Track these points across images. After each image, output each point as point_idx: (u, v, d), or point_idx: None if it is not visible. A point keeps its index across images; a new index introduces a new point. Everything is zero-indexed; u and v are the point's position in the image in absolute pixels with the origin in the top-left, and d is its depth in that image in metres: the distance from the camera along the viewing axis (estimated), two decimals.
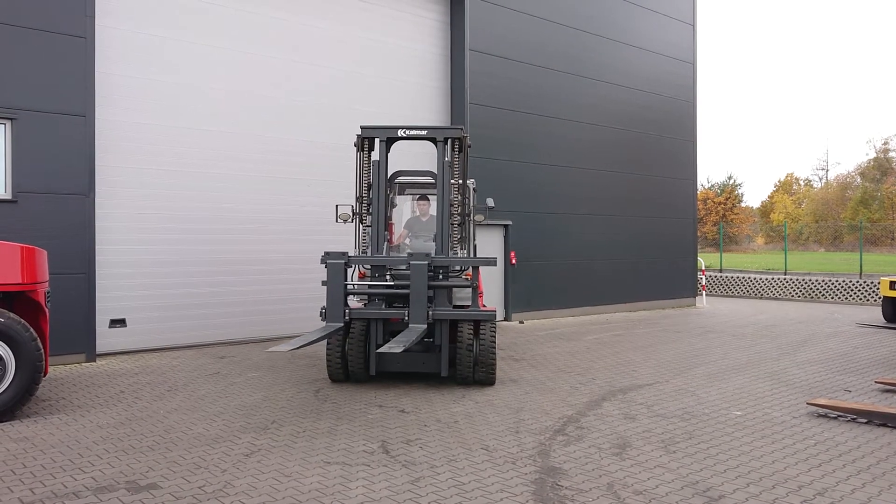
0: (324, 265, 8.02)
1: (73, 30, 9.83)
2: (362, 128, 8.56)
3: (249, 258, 12.06)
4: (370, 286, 8.32)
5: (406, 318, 7.91)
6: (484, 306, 8.67)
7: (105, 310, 10.42)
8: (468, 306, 8.53)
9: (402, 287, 8.14)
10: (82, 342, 9.88)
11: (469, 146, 8.87)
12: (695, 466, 5.46)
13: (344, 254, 8.00)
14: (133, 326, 10.78)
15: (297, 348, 7.04)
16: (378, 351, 7.19)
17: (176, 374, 9.10)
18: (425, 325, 7.81)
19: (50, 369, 8.87)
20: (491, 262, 8.34)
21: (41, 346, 6.78)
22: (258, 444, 5.97)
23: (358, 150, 8.57)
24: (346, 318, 7.94)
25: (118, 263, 10.64)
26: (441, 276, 8.24)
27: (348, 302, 8.22)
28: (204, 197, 11.58)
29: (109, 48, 10.55)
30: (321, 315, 8.10)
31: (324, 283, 8.03)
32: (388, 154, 8.60)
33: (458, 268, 8.69)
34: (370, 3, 13.61)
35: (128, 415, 6.97)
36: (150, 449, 5.84)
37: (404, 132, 8.42)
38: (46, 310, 7.20)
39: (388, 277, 8.44)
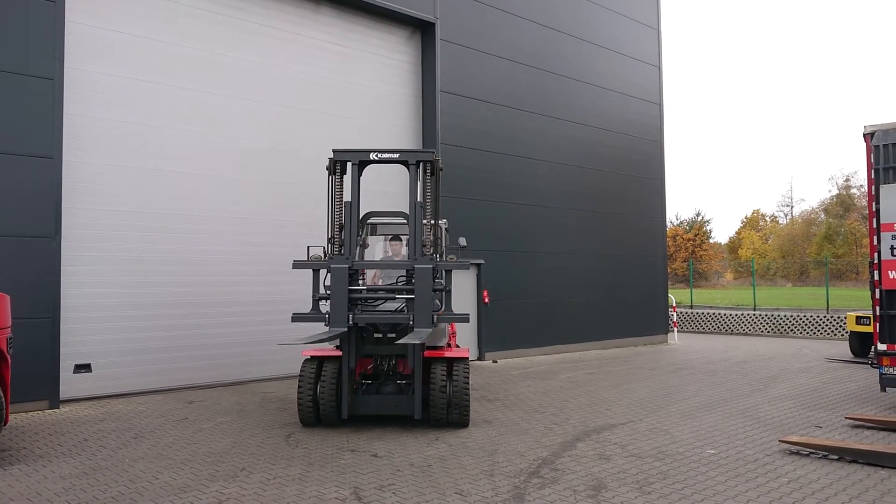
0: (306, 269, 8.34)
1: (41, 72, 9.78)
2: (335, 151, 8.52)
3: (218, 300, 11.90)
4: (368, 289, 8.39)
5: (411, 322, 8.00)
6: (457, 346, 8.65)
7: (69, 354, 10.16)
8: (442, 346, 8.49)
9: (409, 291, 8.20)
10: (45, 388, 9.61)
11: (441, 170, 8.91)
12: None
13: (348, 258, 8.15)
14: (98, 371, 10.52)
15: (306, 342, 7.67)
16: (397, 342, 7.30)
17: (142, 421, 8.88)
18: (431, 329, 7.90)
19: (11, 417, 8.61)
20: (466, 265, 8.50)
21: (2, 395, 6.58)
22: (227, 493, 5.82)
23: (330, 174, 8.52)
24: (350, 322, 8.00)
25: (84, 307, 10.43)
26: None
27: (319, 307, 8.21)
28: (172, 239, 11.45)
29: (77, 90, 10.49)
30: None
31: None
32: (360, 178, 8.60)
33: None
34: (341, 46, 13.76)
35: (92, 464, 6.77)
36: (114, 500, 5.66)
37: (376, 155, 8.48)
38: (8, 356, 7.02)
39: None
